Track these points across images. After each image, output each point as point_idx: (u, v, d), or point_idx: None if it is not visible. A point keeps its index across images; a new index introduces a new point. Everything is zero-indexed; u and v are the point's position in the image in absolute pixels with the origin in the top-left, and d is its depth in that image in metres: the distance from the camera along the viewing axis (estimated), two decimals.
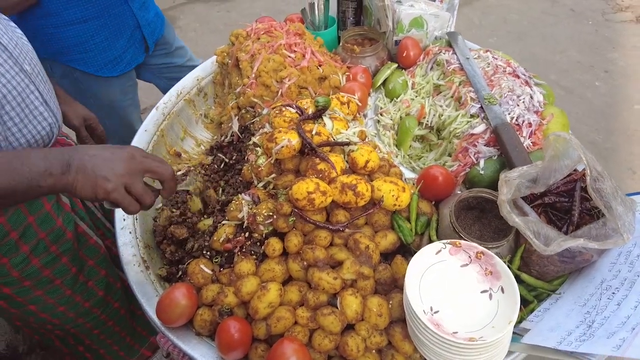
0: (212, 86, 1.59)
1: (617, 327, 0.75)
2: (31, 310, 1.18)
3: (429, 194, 1.10)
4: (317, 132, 1.10)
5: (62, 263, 1.16)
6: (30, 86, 1.02)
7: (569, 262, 0.93)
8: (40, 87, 1.06)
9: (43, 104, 1.06)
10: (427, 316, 0.85)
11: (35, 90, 1.04)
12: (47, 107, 1.07)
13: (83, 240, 1.23)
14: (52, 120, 1.09)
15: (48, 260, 1.12)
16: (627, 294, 0.81)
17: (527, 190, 0.96)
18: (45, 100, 1.07)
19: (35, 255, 1.10)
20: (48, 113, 1.07)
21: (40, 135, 1.05)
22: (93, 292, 1.26)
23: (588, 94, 3.12)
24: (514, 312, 0.82)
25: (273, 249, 0.98)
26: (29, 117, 1.02)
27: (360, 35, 1.52)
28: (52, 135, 1.10)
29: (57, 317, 1.22)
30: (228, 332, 0.92)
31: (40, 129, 1.05)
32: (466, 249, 0.93)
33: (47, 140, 1.09)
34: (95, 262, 1.26)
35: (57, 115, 1.12)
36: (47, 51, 1.56)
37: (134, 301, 1.41)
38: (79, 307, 1.24)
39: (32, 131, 1.03)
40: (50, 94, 1.11)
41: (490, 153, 1.12)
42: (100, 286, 1.28)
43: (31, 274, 1.11)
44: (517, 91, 1.19)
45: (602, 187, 0.84)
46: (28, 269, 1.09)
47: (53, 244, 1.12)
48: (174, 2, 4.47)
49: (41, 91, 1.06)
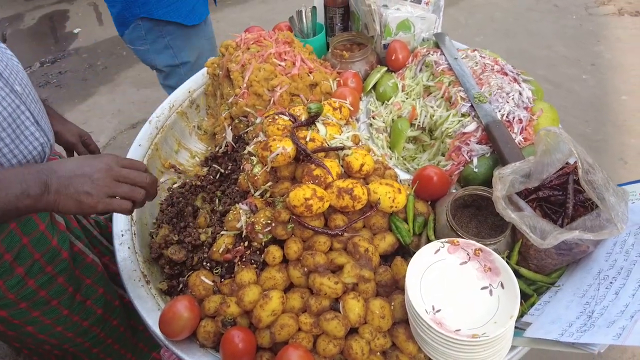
0: (204, 98, 1.60)
1: (616, 316, 0.76)
2: (28, 332, 1.17)
3: (424, 194, 1.11)
4: (311, 138, 1.11)
5: (58, 283, 1.15)
6: (21, 106, 1.02)
7: (567, 255, 0.94)
8: (31, 107, 1.06)
9: (34, 124, 1.06)
10: (429, 315, 0.85)
11: (26, 111, 1.04)
12: (39, 126, 1.07)
13: (79, 259, 1.23)
14: (44, 140, 1.09)
15: (44, 281, 1.12)
16: (624, 282, 0.83)
17: (521, 185, 0.98)
18: (36, 120, 1.07)
19: (30, 276, 1.09)
20: (40, 133, 1.07)
21: (32, 155, 1.05)
22: (91, 310, 1.26)
23: (576, 87, 3.16)
24: (515, 306, 0.83)
25: (273, 256, 0.99)
26: (20, 137, 1.02)
27: (348, 40, 1.54)
28: (44, 155, 1.10)
29: (55, 337, 1.21)
30: (232, 342, 0.92)
31: (31, 149, 1.05)
32: (464, 246, 0.94)
33: (39, 160, 1.09)
34: (92, 280, 1.26)
35: (49, 135, 1.12)
36: (137, 10, 1.66)
37: (135, 317, 1.40)
38: (77, 327, 1.23)
39: (24, 151, 1.03)
40: (42, 114, 1.11)
41: (483, 151, 1.13)
42: (99, 304, 1.27)
43: (27, 295, 1.10)
44: (506, 88, 1.20)
45: (593, 179, 0.86)
46: (24, 290, 1.09)
47: (49, 264, 1.12)
48: None
49: (32, 111, 1.06)
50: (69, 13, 4.68)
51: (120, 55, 4.07)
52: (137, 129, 3.51)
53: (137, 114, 3.54)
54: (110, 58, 4.06)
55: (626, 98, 3.06)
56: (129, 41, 1.86)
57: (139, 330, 1.47)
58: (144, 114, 3.51)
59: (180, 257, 1.12)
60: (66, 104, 3.64)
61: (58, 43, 4.31)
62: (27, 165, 0.99)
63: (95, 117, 3.52)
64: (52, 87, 3.81)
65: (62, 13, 4.69)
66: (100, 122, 3.48)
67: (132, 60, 3.99)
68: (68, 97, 3.69)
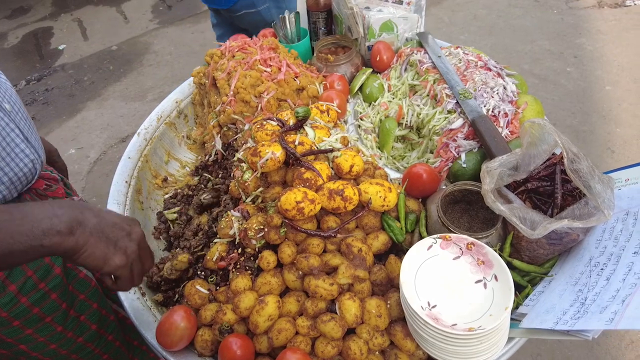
0: (191, 107, 1.60)
1: (608, 302, 0.77)
2: (22, 350, 1.15)
3: (415, 192, 1.12)
4: (300, 142, 1.11)
5: (52, 299, 1.14)
6: (10, 124, 1.02)
7: (558, 244, 0.95)
8: (21, 124, 1.06)
9: (24, 141, 1.06)
10: (425, 311, 0.86)
11: (15, 128, 1.04)
12: (29, 144, 1.07)
13: (72, 274, 1.22)
14: (35, 157, 1.08)
15: (37, 297, 1.10)
16: (614, 268, 0.84)
17: (509, 178, 0.99)
18: (26, 137, 1.07)
19: (23, 293, 1.08)
20: (30, 150, 1.07)
21: (23, 172, 1.05)
22: (86, 326, 1.24)
23: (561, 79, 3.20)
24: (510, 298, 0.84)
25: (267, 262, 0.99)
26: (11, 155, 1.02)
27: (333, 44, 1.55)
28: (35, 172, 1.10)
29: (49, 355, 1.19)
30: (230, 349, 0.92)
31: (22, 166, 1.05)
32: (456, 241, 0.95)
33: (29, 177, 1.08)
34: (86, 295, 1.24)
35: (39, 152, 1.12)
36: None
37: (130, 332, 1.40)
38: (71, 344, 1.22)
39: (15, 169, 1.03)
40: (31, 130, 1.11)
41: (471, 146, 1.14)
42: (93, 320, 1.26)
43: (20, 313, 1.09)
44: (490, 83, 1.22)
45: (579, 168, 0.87)
46: (17, 308, 1.07)
47: (41, 280, 1.11)
48: (147, 28, 4.49)
49: (22, 129, 1.06)
50: (54, 30, 4.66)
51: (107, 70, 4.06)
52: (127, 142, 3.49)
53: (126, 127, 3.52)
54: (97, 73, 4.05)
55: (610, 88, 3.11)
56: (248, 5, 1.88)
57: (134, 346, 1.46)
58: (134, 127, 3.50)
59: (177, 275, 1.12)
60: (54, 120, 3.62)
61: (43, 60, 4.29)
62: (59, 200, 0.90)
63: (84, 132, 3.50)
64: (39, 105, 3.79)
65: (47, 30, 4.68)
66: (90, 137, 3.46)
67: (119, 75, 3.99)
68: (56, 114, 3.67)
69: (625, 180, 0.99)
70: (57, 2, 5.04)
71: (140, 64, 4.09)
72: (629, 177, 0.99)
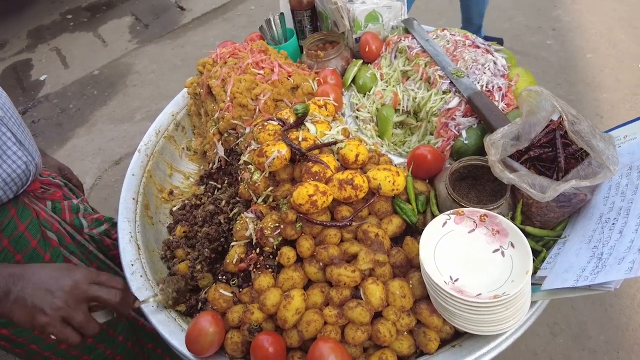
0: (188, 119, 1.61)
1: (624, 252, 0.80)
2: (33, 350, 1.17)
3: (421, 173, 1.14)
4: (303, 138, 1.13)
5: None
6: (2, 128, 1.06)
7: (567, 206, 0.97)
8: (13, 128, 1.10)
9: (16, 144, 1.09)
10: (449, 285, 0.88)
11: (7, 132, 1.07)
12: (22, 146, 1.11)
13: None
14: (28, 159, 1.11)
15: None
16: (625, 220, 0.86)
17: (512, 148, 1.01)
18: (19, 140, 1.10)
19: None
20: (22, 152, 1.10)
21: (17, 174, 1.09)
22: None
23: (543, 53, 3.25)
24: (528, 262, 0.86)
25: (287, 257, 1.00)
26: (3, 157, 1.05)
27: (320, 40, 1.57)
28: (29, 174, 1.13)
29: (60, 355, 1.21)
30: (262, 347, 0.92)
31: (15, 168, 1.08)
32: (469, 215, 0.97)
33: (24, 178, 1.12)
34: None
35: (34, 154, 1.15)
36: None
37: (143, 335, 1.40)
38: (81, 344, 1.23)
39: (7, 170, 1.06)
40: (25, 134, 1.14)
41: (470, 122, 1.17)
42: None
43: (22, 331, 1.11)
44: (481, 60, 1.25)
45: (580, 129, 0.89)
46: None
47: None
48: (126, 49, 4.48)
49: (14, 132, 1.09)
50: (32, 61, 4.63)
51: (92, 95, 4.04)
52: (121, 164, 3.52)
53: (118, 149, 3.51)
54: (82, 99, 4.03)
55: (591, 56, 3.17)
56: None
57: (148, 349, 1.46)
58: (126, 148, 3.50)
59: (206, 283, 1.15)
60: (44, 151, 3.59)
61: (26, 92, 4.26)
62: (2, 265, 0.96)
63: (76, 160, 3.49)
64: None
65: (25, 62, 4.64)
66: (83, 163, 3.44)
67: (105, 98, 3.98)
68: (45, 145, 3.65)
69: (623, 137, 1.01)
70: (33, 34, 5.01)
71: (124, 85, 4.08)
72: (627, 134, 1.02)
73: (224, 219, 1.23)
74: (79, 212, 1.34)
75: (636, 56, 3.08)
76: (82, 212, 1.34)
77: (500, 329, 0.88)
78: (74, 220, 1.31)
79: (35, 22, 5.15)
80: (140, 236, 1.27)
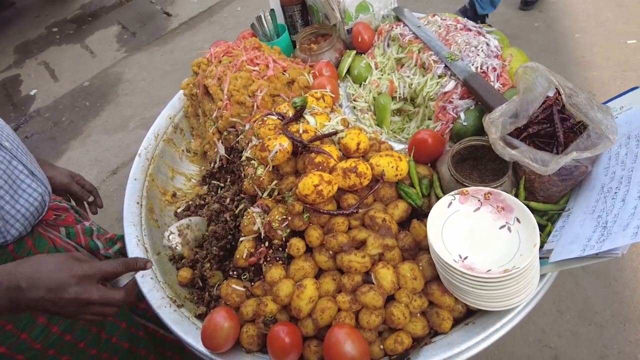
0: (185, 121, 1.61)
1: (629, 219, 0.81)
2: None
3: (423, 158, 1.15)
4: (303, 130, 1.13)
5: (81, 325, 1.16)
6: (12, 161, 1.04)
7: (569, 179, 0.99)
8: (24, 159, 1.07)
9: (30, 176, 1.07)
10: (459, 264, 0.89)
11: (19, 165, 1.05)
12: (35, 177, 1.09)
13: None
14: (42, 190, 1.10)
15: (67, 325, 1.12)
16: (627, 188, 0.88)
17: (511, 126, 1.02)
18: (31, 171, 1.08)
19: (53, 323, 1.09)
20: (37, 184, 1.08)
21: (34, 207, 1.07)
22: (118, 346, 1.26)
23: (532, 35, 3.27)
24: (535, 235, 0.87)
25: (297, 248, 1.01)
26: (19, 191, 1.03)
27: (312, 34, 1.57)
28: (45, 204, 1.12)
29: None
30: (279, 338, 0.93)
31: (32, 201, 1.06)
32: (474, 194, 0.98)
33: (40, 210, 1.10)
34: (114, 317, 1.26)
35: (46, 184, 1.13)
36: None
37: (162, 344, 1.41)
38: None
39: (25, 204, 1.04)
40: (34, 164, 1.12)
41: (467, 104, 1.18)
42: (124, 339, 1.28)
43: (53, 342, 1.10)
44: (473, 42, 1.26)
45: (577, 101, 0.91)
46: (49, 338, 1.09)
47: None
48: (115, 58, 4.46)
49: (25, 164, 1.07)
50: (21, 77, 4.60)
51: (84, 107, 4.02)
52: (119, 174, 3.50)
53: (114, 159, 3.50)
54: (74, 111, 4.02)
55: (579, 35, 3.19)
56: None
57: (167, 356, 1.47)
58: (122, 157, 3.48)
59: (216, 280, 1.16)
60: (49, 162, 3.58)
61: (17, 108, 4.24)
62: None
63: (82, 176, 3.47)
64: None
65: (14, 78, 4.62)
66: None
67: (97, 109, 3.96)
68: None
69: (619, 108, 1.03)
70: (20, 49, 4.98)
71: (116, 94, 4.07)
72: (623, 105, 1.03)
73: (230, 217, 1.24)
74: (93, 235, 1.33)
75: (624, 33, 3.11)
76: (95, 234, 1.34)
77: (512, 304, 0.89)
78: (89, 243, 1.31)
79: (21, 37, 5.12)
80: (147, 239, 1.28)
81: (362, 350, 0.89)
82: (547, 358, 1.95)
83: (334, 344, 0.89)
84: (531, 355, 1.97)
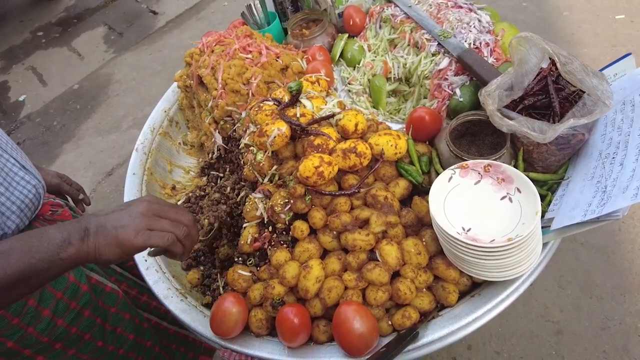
0: (180, 113, 1.61)
1: (628, 181, 0.82)
2: None
3: (421, 136, 1.16)
4: (301, 114, 1.13)
5: (86, 317, 1.16)
6: (4, 155, 1.05)
7: (567, 148, 1.00)
8: (14, 154, 1.08)
9: (22, 169, 1.08)
10: (463, 236, 0.90)
11: (10, 158, 1.06)
12: (27, 171, 1.10)
13: (99, 290, 1.23)
14: (36, 182, 1.11)
15: (72, 317, 1.12)
16: (625, 153, 0.89)
17: (507, 99, 1.03)
18: (22, 165, 1.09)
19: (58, 316, 1.09)
20: (29, 177, 1.09)
21: (29, 199, 1.08)
22: (124, 337, 1.27)
23: (520, 15, 3.28)
24: (536, 203, 0.88)
25: (300, 230, 1.01)
26: (13, 184, 1.04)
27: (303, 19, 1.57)
28: (40, 197, 1.12)
29: None
30: (288, 320, 0.94)
31: (27, 193, 1.07)
32: (473, 167, 0.99)
33: (36, 202, 1.11)
34: (117, 308, 1.26)
35: (39, 177, 1.14)
36: None
37: (167, 337, 1.42)
38: (114, 356, 1.24)
39: (20, 196, 1.05)
40: (25, 158, 1.13)
41: (462, 80, 1.18)
42: (129, 330, 1.28)
43: (60, 335, 1.10)
44: (465, 19, 1.26)
45: (572, 68, 0.91)
46: (56, 331, 1.09)
47: (72, 300, 1.12)
48: (103, 60, 4.42)
49: (16, 157, 1.08)
50: (9, 83, 4.55)
51: (75, 110, 3.99)
52: (114, 175, 3.49)
53: (109, 160, 3.48)
54: (65, 115, 3.98)
55: (567, 14, 3.20)
56: None
57: (172, 349, 1.47)
58: (116, 158, 3.47)
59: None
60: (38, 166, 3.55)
61: (7, 115, 4.19)
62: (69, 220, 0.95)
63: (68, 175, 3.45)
64: None
65: (2, 85, 4.56)
66: (75, 179, 3.29)
67: (88, 111, 3.93)
68: None
69: (613, 75, 1.04)
70: (5, 55, 4.91)
71: (107, 96, 4.03)
72: (616, 72, 1.04)
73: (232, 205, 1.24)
74: None
75: (611, 8, 3.12)
76: None
77: (517, 273, 0.90)
78: None
79: (6, 43, 5.05)
80: None
81: (371, 327, 0.90)
82: (550, 332, 1.98)
83: (343, 322, 0.90)
84: (534, 330, 2.00)
